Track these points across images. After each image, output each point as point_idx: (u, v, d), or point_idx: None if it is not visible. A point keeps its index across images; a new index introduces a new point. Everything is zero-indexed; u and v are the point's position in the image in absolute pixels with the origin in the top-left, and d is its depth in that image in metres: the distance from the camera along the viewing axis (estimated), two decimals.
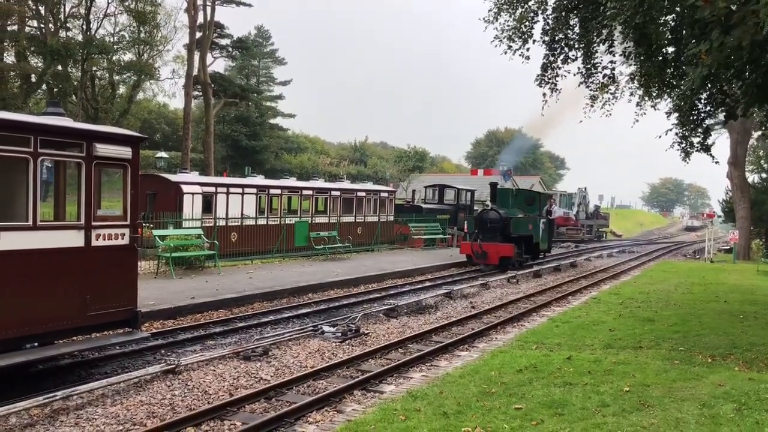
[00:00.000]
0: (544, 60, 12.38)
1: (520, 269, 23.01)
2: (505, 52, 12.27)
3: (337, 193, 30.14)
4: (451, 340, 11.67)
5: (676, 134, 12.95)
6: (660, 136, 12.70)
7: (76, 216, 8.66)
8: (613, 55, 12.07)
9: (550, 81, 12.49)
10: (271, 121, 66.90)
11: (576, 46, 12.16)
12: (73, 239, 8.46)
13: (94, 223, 8.65)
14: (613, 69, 12.22)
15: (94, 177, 8.71)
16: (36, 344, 8.22)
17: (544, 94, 12.64)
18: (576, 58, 12.35)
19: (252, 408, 7.80)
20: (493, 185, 25.38)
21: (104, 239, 8.77)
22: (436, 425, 6.42)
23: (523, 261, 24.68)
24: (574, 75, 12.56)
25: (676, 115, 12.79)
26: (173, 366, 8.88)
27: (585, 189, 50.04)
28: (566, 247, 38.88)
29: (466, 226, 25.40)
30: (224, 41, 55.16)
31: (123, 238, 9.04)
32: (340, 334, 11.70)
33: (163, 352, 10.52)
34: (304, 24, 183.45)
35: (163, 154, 33.76)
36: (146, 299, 12.78)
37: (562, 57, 12.26)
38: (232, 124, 58.82)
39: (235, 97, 54.78)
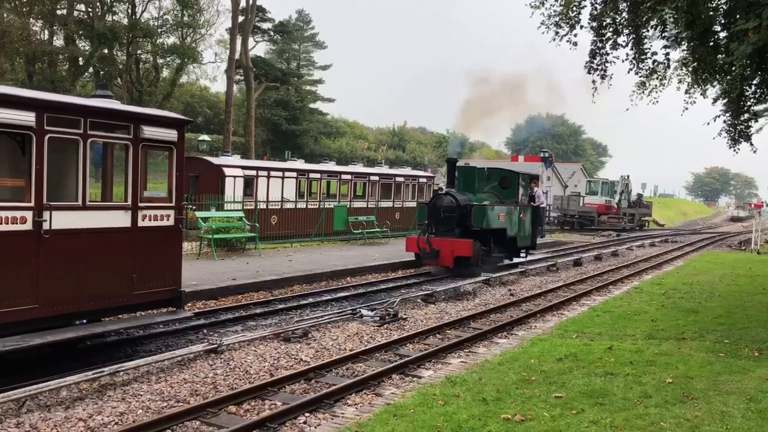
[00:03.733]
0: (592, 46, 12.08)
1: (484, 275, 16.95)
2: (553, 39, 12.01)
3: (376, 178, 30.18)
4: (490, 327, 11.63)
5: (725, 122, 12.59)
6: (708, 123, 12.36)
7: (123, 197, 8.86)
8: (666, 40, 11.72)
9: (599, 68, 12.19)
10: (311, 105, 67.17)
11: (625, 31, 11.84)
12: (121, 219, 8.65)
13: (140, 204, 8.83)
14: (667, 54, 11.88)
15: (141, 159, 8.89)
16: (84, 321, 8.47)
17: (594, 82, 12.38)
18: (625, 45, 12.02)
19: (292, 389, 7.91)
20: (451, 161, 19.55)
21: (150, 220, 8.95)
22: (476, 411, 6.42)
23: (493, 263, 18.66)
24: (623, 61, 12.26)
25: (724, 101, 12.43)
26: (215, 345, 9.04)
27: (628, 177, 49.10)
28: (607, 236, 38.33)
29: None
30: (266, 25, 55.45)
31: (168, 219, 9.22)
32: (378, 318, 11.76)
33: (205, 331, 10.72)
34: (346, 6, 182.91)
35: (206, 137, 34.22)
36: (189, 279, 13.01)
37: (610, 43, 11.95)
38: (272, 108, 59.24)
39: (276, 81, 55.14)
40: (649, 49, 11.94)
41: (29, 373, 7.61)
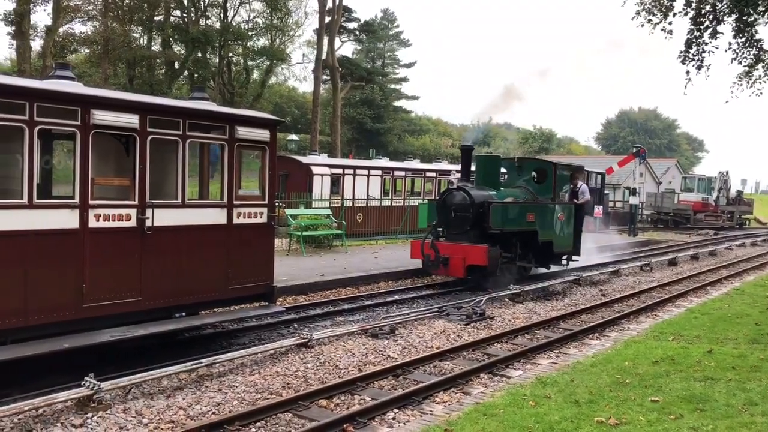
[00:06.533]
0: (688, 35, 11.52)
1: (504, 290, 13.93)
2: (642, 25, 11.53)
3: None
4: (581, 327, 11.34)
5: None
6: None
7: (219, 195, 9.20)
8: None
9: (695, 58, 11.62)
10: (395, 103, 67.53)
11: (727, 19, 11.23)
12: (217, 217, 9.00)
13: (235, 202, 9.15)
14: None
15: (236, 158, 9.20)
16: (184, 314, 8.85)
17: (688, 72, 11.81)
18: (724, 33, 11.40)
19: (380, 384, 7.98)
20: (466, 150, 15.95)
21: (244, 217, 9.26)
22: (568, 413, 6.29)
23: (520, 272, 15.84)
24: (726, 51, 11.63)
25: None
26: (306, 340, 9.24)
27: (726, 173, 46.68)
28: (704, 235, 36.62)
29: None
30: (352, 25, 56.15)
31: (261, 217, 9.51)
32: (464, 317, 11.69)
33: (295, 326, 10.99)
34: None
35: (294, 137, 35.03)
36: (279, 275, 13.31)
37: (709, 32, 11.36)
38: (357, 107, 59.98)
39: (361, 80, 55.73)
40: (754, 35, 11.28)
41: (133, 362, 8.03)
